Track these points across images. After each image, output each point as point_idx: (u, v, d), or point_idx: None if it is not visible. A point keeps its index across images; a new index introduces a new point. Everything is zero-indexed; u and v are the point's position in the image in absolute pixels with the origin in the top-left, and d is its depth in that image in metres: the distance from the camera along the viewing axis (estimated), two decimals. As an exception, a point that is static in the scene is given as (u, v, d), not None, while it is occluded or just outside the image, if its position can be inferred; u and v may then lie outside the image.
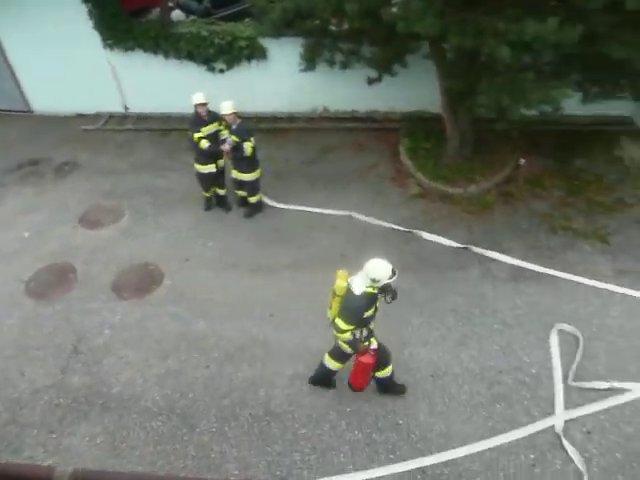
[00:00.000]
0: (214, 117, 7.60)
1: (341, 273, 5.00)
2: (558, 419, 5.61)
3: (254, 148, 7.58)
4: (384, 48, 7.43)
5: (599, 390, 5.82)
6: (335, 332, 5.12)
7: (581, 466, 5.19)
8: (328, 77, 8.81)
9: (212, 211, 8.35)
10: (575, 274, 7.03)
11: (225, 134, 7.62)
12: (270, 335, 6.47)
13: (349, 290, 4.89)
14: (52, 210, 8.60)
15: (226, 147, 7.51)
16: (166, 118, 10.24)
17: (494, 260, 7.25)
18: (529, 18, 5.39)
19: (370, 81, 8.22)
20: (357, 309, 4.87)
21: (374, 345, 5.17)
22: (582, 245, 7.41)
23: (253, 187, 8.00)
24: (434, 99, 8.09)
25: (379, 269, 4.77)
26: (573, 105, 7.31)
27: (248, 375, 6.09)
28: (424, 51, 7.49)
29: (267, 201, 8.37)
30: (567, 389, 5.84)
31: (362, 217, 7.96)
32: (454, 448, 5.40)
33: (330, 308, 5.21)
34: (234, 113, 7.39)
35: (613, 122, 9.36)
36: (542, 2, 5.96)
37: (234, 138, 7.47)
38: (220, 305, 6.85)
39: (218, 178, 8.04)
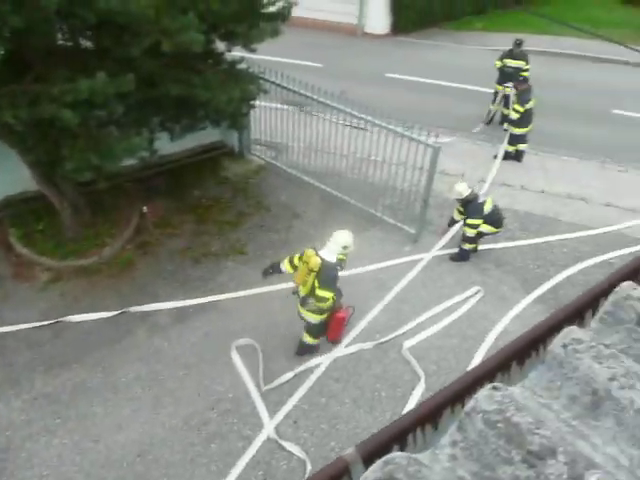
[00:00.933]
0: None
1: (310, 251, 5.84)
2: (268, 427, 5.88)
3: None
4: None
5: (290, 381, 6.35)
6: (317, 302, 5.91)
7: (300, 454, 5.57)
8: None
9: None
10: (230, 291, 7.48)
11: None
12: None
13: (325, 262, 5.75)
14: None
15: None
16: None
17: (155, 312, 7.12)
18: (80, 77, 5.36)
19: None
20: (336, 275, 5.89)
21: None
22: (226, 264, 7.93)
23: None
24: (28, 176, 7.39)
25: (347, 237, 5.98)
26: (168, 144, 7.73)
27: None
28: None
29: None
30: (264, 396, 6.18)
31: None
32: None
33: (304, 286, 5.94)
34: None
35: (209, 149, 10.27)
36: (89, 60, 6.01)
37: None
38: None
39: None
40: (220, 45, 7.33)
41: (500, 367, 1.25)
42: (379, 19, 17.24)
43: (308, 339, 6.53)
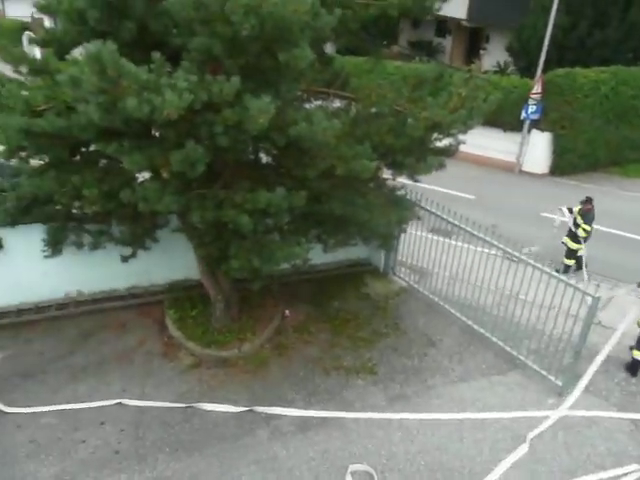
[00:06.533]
0: None
1: None
2: None
3: None
4: (132, 226, 7.44)
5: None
6: None
7: None
8: (78, 258, 8.37)
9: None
10: (355, 411, 7.33)
11: None
12: None
13: None
14: None
15: None
16: None
17: (280, 416, 7.16)
18: (261, 189, 6.01)
19: (124, 259, 8.04)
20: None
21: None
22: (355, 381, 7.85)
23: None
24: (194, 266, 8.20)
25: None
26: (319, 254, 8.17)
27: None
28: (173, 224, 7.70)
29: (13, 410, 7.08)
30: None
31: (134, 402, 7.25)
32: None
33: None
34: None
35: (356, 264, 10.68)
36: (269, 174, 6.75)
37: None
38: None
39: None
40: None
41: None
42: (539, 159, 17.27)
43: None
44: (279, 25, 4.68)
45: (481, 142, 16.46)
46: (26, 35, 26.67)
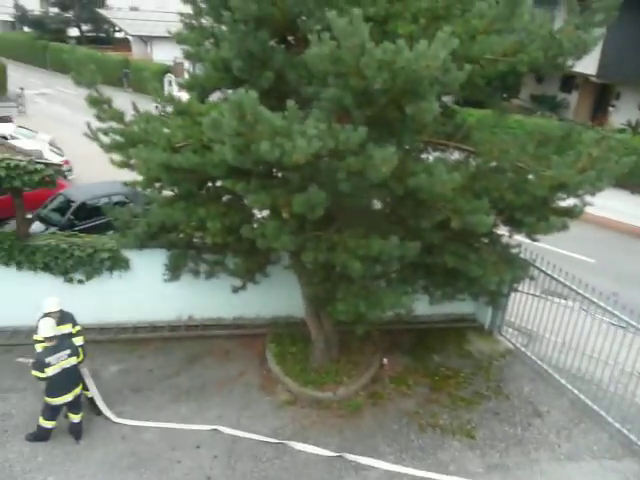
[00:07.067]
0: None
1: None
2: None
3: None
4: (246, 260, 7.80)
5: None
6: None
7: None
8: (193, 285, 8.88)
9: (57, 439, 7.27)
10: (449, 474, 6.97)
11: None
12: None
13: None
14: None
15: None
16: (12, 332, 9.35)
17: (370, 467, 6.98)
18: (374, 235, 6.07)
19: (235, 290, 8.41)
20: None
21: None
22: (451, 442, 7.48)
23: None
24: (299, 304, 8.38)
25: None
26: (423, 305, 8.02)
27: None
28: (284, 262, 7.97)
29: (121, 420, 7.55)
30: None
31: (229, 430, 7.43)
32: None
33: None
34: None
35: (460, 319, 10.33)
36: (382, 221, 6.81)
37: None
38: None
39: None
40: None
41: None
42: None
43: None
44: (410, 79, 4.79)
45: (606, 203, 15.46)
46: (167, 77, 29.65)
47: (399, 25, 5.79)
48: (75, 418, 7.15)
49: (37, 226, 11.42)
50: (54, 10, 43.97)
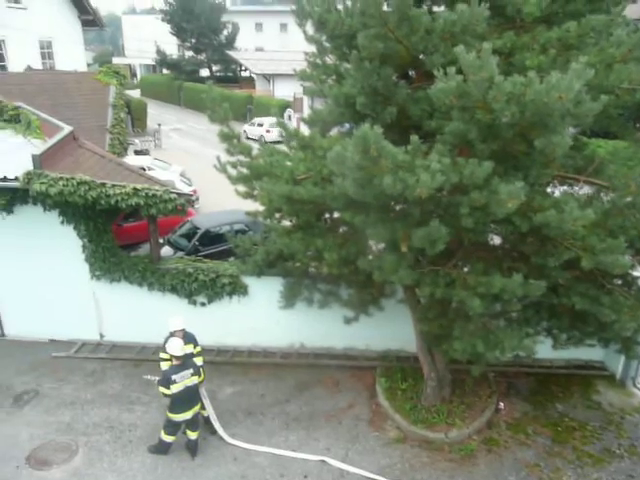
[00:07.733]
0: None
1: None
2: None
3: None
4: (361, 291, 7.81)
5: None
6: None
7: None
8: (306, 314, 9.05)
9: (175, 454, 7.66)
10: (574, 539, 6.34)
11: None
12: None
13: None
14: (-2, 446, 7.82)
15: None
16: (141, 348, 10.10)
17: (484, 520, 6.57)
18: (495, 272, 5.82)
19: (347, 320, 8.44)
20: None
21: None
22: (577, 503, 6.85)
23: None
24: (411, 339, 8.22)
25: None
26: (544, 348, 7.49)
27: None
28: (398, 295, 7.88)
29: (234, 442, 7.78)
30: None
31: (337, 463, 7.37)
32: None
33: None
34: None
35: (585, 366, 9.52)
36: (503, 258, 6.52)
37: None
38: None
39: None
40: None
41: None
42: None
43: None
44: (540, 112, 4.60)
45: None
46: (287, 112, 31.13)
47: (527, 57, 5.63)
48: (193, 435, 7.50)
49: (166, 250, 12.34)
50: (189, 54, 48.31)
